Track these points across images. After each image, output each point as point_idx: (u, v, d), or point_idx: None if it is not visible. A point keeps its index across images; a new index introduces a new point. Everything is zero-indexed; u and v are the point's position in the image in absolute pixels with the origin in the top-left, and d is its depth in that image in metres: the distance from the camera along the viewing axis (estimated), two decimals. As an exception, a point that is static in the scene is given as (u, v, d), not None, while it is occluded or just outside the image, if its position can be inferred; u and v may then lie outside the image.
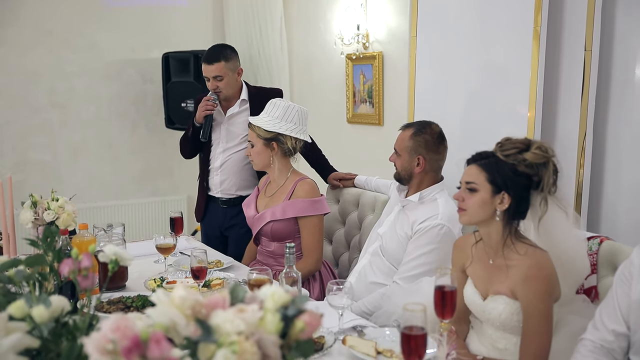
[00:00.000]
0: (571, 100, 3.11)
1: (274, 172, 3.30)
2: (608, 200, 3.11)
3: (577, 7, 3.06)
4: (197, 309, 1.16)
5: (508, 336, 2.17)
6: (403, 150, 2.92)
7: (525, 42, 3.15)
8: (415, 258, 2.82)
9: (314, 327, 1.17)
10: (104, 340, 1.03)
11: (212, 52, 3.69)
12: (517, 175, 2.11)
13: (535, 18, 3.09)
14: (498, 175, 2.11)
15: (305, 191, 3.20)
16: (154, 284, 2.73)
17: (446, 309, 1.89)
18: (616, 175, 3.08)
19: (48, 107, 5.33)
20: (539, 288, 2.06)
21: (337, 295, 2.20)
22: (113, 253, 1.47)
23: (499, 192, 2.12)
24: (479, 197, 2.13)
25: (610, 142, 3.10)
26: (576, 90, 3.07)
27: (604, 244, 2.42)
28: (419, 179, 2.93)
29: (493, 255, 2.20)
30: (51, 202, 2.86)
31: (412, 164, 2.90)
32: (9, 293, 1.38)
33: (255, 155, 3.27)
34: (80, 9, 5.30)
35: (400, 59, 4.36)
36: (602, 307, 2.00)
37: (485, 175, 2.12)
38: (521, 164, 2.10)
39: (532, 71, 3.12)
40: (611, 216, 3.10)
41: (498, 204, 2.12)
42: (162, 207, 5.71)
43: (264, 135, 3.21)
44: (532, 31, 3.11)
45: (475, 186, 2.14)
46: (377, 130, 4.71)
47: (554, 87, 3.18)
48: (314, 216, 3.19)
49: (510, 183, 2.11)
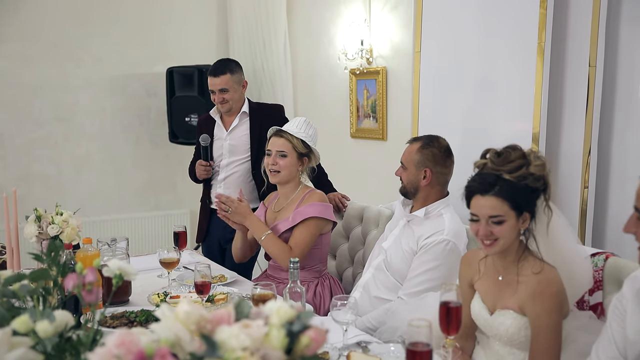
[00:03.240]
0: (575, 115, 3.11)
1: (291, 187, 3.25)
2: (613, 216, 3.10)
3: (581, 23, 3.06)
4: (202, 324, 1.15)
5: (515, 352, 2.15)
6: (410, 163, 2.91)
7: (529, 57, 3.15)
8: (420, 274, 2.81)
9: (319, 343, 1.16)
10: (108, 355, 1.03)
11: (218, 66, 3.74)
12: (532, 192, 2.10)
13: (539, 34, 3.10)
14: (520, 200, 2.08)
15: (315, 199, 3.19)
16: (158, 299, 2.72)
17: (451, 325, 1.88)
18: (621, 191, 3.07)
19: (52, 120, 5.34)
20: (548, 304, 2.05)
21: (341, 310, 2.19)
22: (117, 267, 1.47)
23: (521, 214, 2.10)
24: (508, 226, 2.09)
25: (615, 158, 3.09)
26: (580, 105, 3.07)
27: (610, 260, 2.40)
28: (425, 192, 2.92)
29: (503, 271, 2.18)
30: (55, 216, 2.86)
31: (419, 177, 2.89)
32: (13, 307, 1.38)
33: (287, 167, 3.15)
34: (84, 24, 5.33)
35: (404, 74, 4.36)
36: (598, 342, 1.97)
37: (508, 204, 2.08)
38: (532, 180, 2.08)
39: (537, 87, 3.12)
40: (616, 232, 3.08)
41: (521, 225, 2.12)
42: (165, 221, 5.70)
43: (300, 150, 3.17)
44: (537, 47, 3.11)
45: (502, 218, 2.08)
46: (380, 145, 4.70)
47: (558, 102, 3.18)
48: (312, 221, 3.11)
49: (530, 202, 2.10)
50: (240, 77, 3.77)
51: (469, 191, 2.14)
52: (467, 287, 2.31)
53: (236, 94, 3.73)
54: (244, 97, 3.83)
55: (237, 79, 3.73)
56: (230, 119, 3.82)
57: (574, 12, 3.11)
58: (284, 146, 3.15)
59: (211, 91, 3.75)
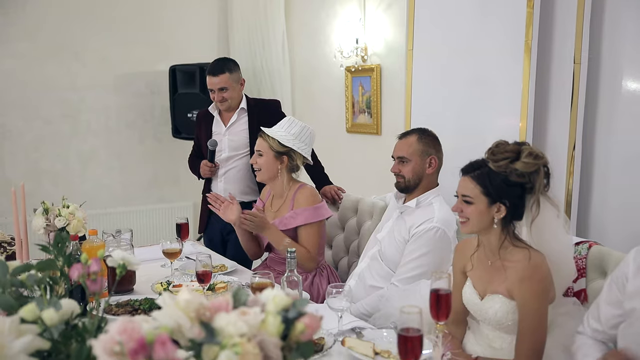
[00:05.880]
0: (561, 111, 3.11)
1: (278, 184, 3.26)
2: (596, 206, 3.11)
3: (566, 21, 3.06)
4: (201, 312, 1.15)
5: (503, 335, 2.16)
6: (413, 155, 2.89)
7: (517, 55, 3.16)
8: (412, 260, 2.82)
9: (314, 329, 1.17)
10: (111, 342, 1.03)
11: (216, 65, 3.72)
12: (509, 185, 2.09)
13: (526, 32, 3.10)
14: (491, 188, 2.09)
15: (306, 197, 3.19)
16: (161, 287, 2.73)
17: (441, 312, 1.89)
18: (604, 183, 3.08)
19: (59, 117, 5.34)
20: (535, 288, 2.05)
21: (336, 298, 2.20)
22: (121, 258, 1.47)
23: (494, 203, 2.11)
24: (476, 208, 2.12)
25: (598, 151, 3.10)
26: (566, 101, 3.07)
27: (593, 248, 2.41)
28: (427, 180, 2.90)
29: (492, 257, 2.19)
30: (62, 209, 2.86)
31: (424, 166, 2.89)
32: (22, 297, 1.38)
33: (263, 165, 3.21)
34: (90, 25, 5.32)
35: (397, 71, 4.36)
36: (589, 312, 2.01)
37: (479, 189, 2.11)
38: (513, 174, 2.08)
39: (524, 83, 3.13)
40: (599, 222, 3.10)
41: (495, 213, 2.12)
42: (169, 213, 5.70)
43: (276, 148, 3.18)
44: (524, 44, 3.11)
45: (470, 199, 2.13)
46: (375, 139, 4.71)
47: (544, 98, 3.19)
48: (314, 224, 3.17)
49: (503, 194, 2.09)
50: (239, 75, 3.76)
51: (461, 170, 2.20)
52: (459, 275, 2.32)
53: (235, 92, 3.73)
54: (242, 94, 3.82)
55: (235, 78, 3.72)
56: (228, 115, 3.82)
57: (560, 10, 3.11)
58: (260, 145, 3.21)
59: (210, 90, 3.74)
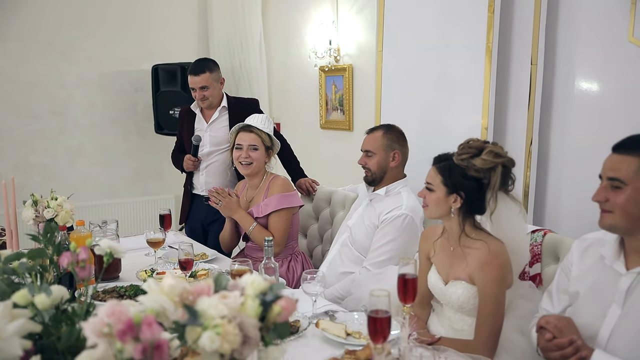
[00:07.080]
0: (519, 109, 3.15)
1: (258, 176, 3.26)
2: (551, 197, 3.16)
3: (524, 25, 3.10)
4: (184, 296, 1.16)
5: (465, 318, 2.20)
6: (378, 149, 2.93)
7: (478, 56, 3.19)
8: (382, 245, 2.84)
9: (289, 311, 1.18)
10: (100, 324, 1.03)
11: (197, 65, 3.70)
12: (466, 179, 2.13)
13: (487, 35, 3.13)
14: (450, 179, 2.15)
15: (279, 186, 3.20)
16: (145, 275, 2.72)
17: (408, 295, 1.90)
18: (558, 176, 3.12)
19: (47, 114, 5.27)
20: (494, 274, 2.08)
21: (310, 283, 2.22)
22: (108, 246, 1.47)
23: (452, 193, 2.15)
24: (435, 196, 2.18)
25: (553, 147, 3.14)
26: (524, 100, 3.11)
27: (548, 236, 2.46)
28: (391, 173, 2.94)
29: (454, 244, 2.23)
30: (51, 200, 2.84)
31: (388, 159, 2.92)
32: (13, 283, 1.38)
33: (258, 158, 3.19)
34: (77, 25, 5.26)
35: (368, 71, 4.38)
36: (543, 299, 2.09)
37: (440, 178, 2.16)
38: (471, 169, 2.11)
39: (485, 83, 3.16)
40: (554, 212, 3.15)
41: (452, 203, 2.16)
42: (152, 205, 5.67)
43: (267, 143, 3.20)
44: (485, 47, 3.15)
45: (431, 187, 2.19)
46: (347, 135, 4.73)
47: (504, 97, 3.22)
48: (282, 210, 3.15)
49: (460, 186, 2.14)
50: (219, 74, 3.75)
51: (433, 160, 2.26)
52: (425, 260, 2.35)
53: (215, 90, 3.72)
54: (222, 92, 3.81)
55: (215, 77, 3.71)
56: (210, 112, 3.80)
57: (518, 15, 3.14)
58: (255, 140, 3.19)
59: (192, 88, 3.72)
